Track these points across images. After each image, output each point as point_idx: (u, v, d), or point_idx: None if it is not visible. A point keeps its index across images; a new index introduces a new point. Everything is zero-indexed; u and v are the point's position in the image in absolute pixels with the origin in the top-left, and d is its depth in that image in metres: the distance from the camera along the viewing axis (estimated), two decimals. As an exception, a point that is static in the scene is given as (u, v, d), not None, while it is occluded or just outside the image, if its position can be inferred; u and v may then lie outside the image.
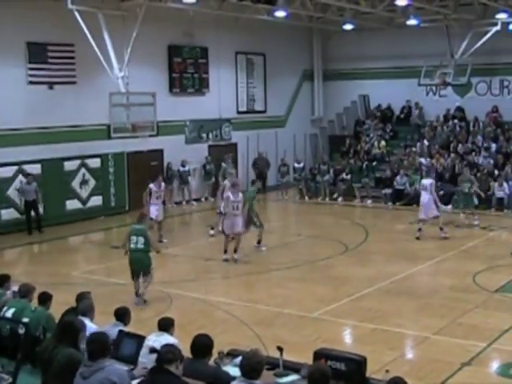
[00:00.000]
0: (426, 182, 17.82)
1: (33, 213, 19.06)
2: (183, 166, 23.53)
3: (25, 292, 8.34)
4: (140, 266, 12.31)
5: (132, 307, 8.58)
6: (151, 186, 17.46)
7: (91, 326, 7.33)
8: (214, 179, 23.93)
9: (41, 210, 19.30)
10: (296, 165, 25.99)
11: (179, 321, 7.86)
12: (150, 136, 22.71)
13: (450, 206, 22.33)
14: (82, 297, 8.11)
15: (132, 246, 12.21)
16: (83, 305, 7.76)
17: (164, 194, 18.12)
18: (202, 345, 6.29)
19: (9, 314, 7.91)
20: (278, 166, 26.22)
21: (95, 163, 21.34)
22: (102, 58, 18.89)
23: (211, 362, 6.53)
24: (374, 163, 25.85)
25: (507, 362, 9.44)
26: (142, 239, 12.12)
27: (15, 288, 8.69)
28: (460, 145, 24.87)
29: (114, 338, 7.13)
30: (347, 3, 22.11)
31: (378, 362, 8.28)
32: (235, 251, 15.35)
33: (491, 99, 26.28)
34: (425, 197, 17.52)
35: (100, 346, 5.85)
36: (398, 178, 23.66)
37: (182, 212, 22.78)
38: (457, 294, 12.77)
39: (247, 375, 5.51)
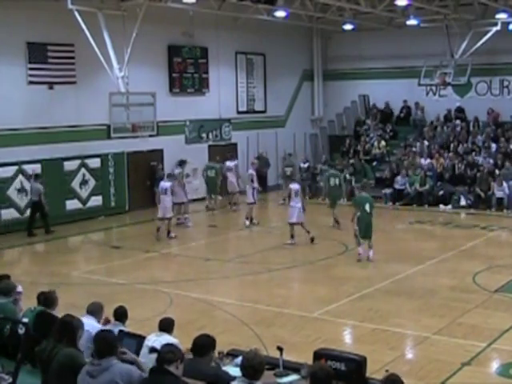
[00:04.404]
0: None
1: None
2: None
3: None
4: None
5: (130, 307, 8.55)
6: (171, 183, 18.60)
7: (97, 326, 7.41)
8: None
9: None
10: (301, 164, 25.78)
11: (179, 321, 7.86)
12: (150, 136, 22.73)
13: (449, 206, 22.37)
14: (46, 296, 8.05)
15: None
16: (92, 306, 7.84)
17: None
18: (204, 344, 6.29)
19: None
20: (283, 165, 25.93)
21: (95, 163, 21.33)
22: (101, 58, 18.90)
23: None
24: (374, 163, 25.86)
25: (507, 362, 9.44)
26: None
27: (19, 288, 8.67)
28: (460, 145, 24.88)
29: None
30: (347, 3, 22.12)
31: (378, 362, 8.28)
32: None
33: (491, 99, 26.29)
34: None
35: (106, 344, 5.84)
36: (398, 178, 23.68)
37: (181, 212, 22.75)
38: (457, 294, 12.77)
39: (248, 376, 5.50)
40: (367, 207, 15.36)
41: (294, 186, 17.38)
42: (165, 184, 18.55)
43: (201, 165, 23.46)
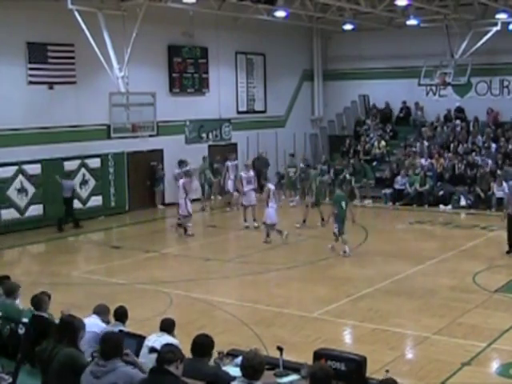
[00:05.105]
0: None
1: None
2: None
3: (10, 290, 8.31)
4: None
5: (130, 307, 8.55)
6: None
7: (101, 326, 7.46)
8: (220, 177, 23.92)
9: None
10: (301, 164, 25.67)
11: (179, 321, 7.86)
12: (150, 136, 22.73)
13: (449, 206, 22.36)
14: (37, 297, 8.02)
15: None
16: (99, 307, 7.89)
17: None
18: (203, 344, 6.29)
19: None
20: (286, 166, 25.82)
21: (95, 163, 21.33)
22: (101, 58, 18.90)
23: (211, 362, 6.53)
24: (374, 163, 25.85)
25: (507, 362, 9.44)
26: None
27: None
28: (460, 145, 24.88)
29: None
30: (347, 3, 22.12)
31: (378, 362, 8.28)
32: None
33: (491, 99, 26.29)
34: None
35: (112, 346, 5.84)
36: (398, 178, 23.67)
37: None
38: (457, 294, 12.77)
39: (248, 376, 5.49)
40: (343, 204, 15.92)
41: (271, 187, 17.64)
42: (179, 181, 19.12)
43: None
